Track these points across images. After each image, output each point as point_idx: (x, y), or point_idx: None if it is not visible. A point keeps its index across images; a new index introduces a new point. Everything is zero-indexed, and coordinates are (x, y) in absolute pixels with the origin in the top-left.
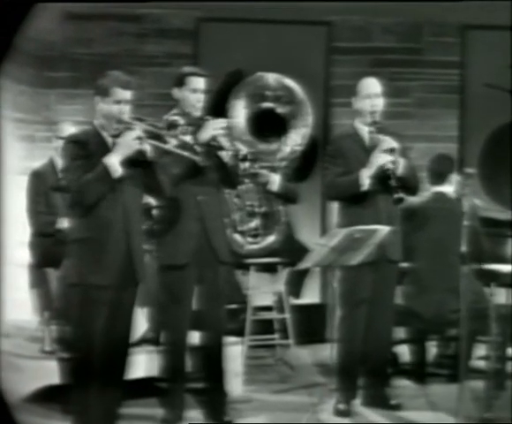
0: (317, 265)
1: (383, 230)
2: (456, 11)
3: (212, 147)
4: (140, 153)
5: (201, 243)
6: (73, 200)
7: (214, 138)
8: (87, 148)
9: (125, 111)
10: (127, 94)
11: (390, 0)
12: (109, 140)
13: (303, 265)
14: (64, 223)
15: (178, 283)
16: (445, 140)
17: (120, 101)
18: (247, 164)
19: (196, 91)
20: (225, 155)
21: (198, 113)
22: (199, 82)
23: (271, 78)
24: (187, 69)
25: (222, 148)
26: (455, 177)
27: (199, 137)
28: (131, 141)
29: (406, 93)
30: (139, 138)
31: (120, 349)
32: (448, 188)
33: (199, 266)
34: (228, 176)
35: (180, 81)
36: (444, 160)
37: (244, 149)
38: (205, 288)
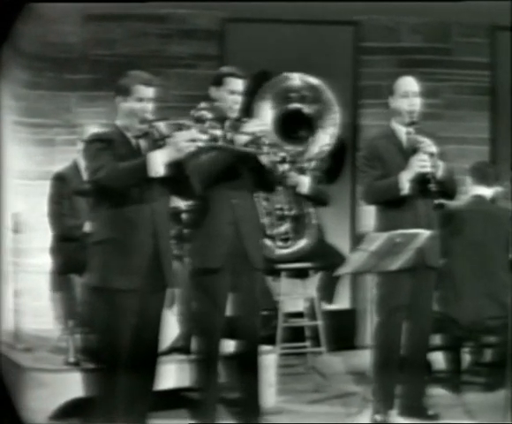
0: (357, 271)
1: (424, 234)
2: (485, 11)
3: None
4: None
5: (235, 247)
6: (100, 187)
7: (252, 139)
8: (112, 147)
9: (148, 110)
10: (150, 92)
11: (403, 0)
12: (133, 140)
13: (343, 271)
14: (88, 227)
15: (211, 288)
16: (476, 142)
17: (142, 98)
18: (286, 166)
19: (234, 92)
20: (263, 158)
21: (234, 114)
22: (238, 84)
23: (297, 78)
24: (226, 69)
25: (260, 150)
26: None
27: (236, 138)
28: (184, 143)
29: (435, 94)
30: (193, 140)
31: (148, 358)
32: (488, 192)
33: (232, 272)
34: (266, 179)
35: (218, 81)
36: (490, 165)
37: (282, 151)
38: (239, 295)
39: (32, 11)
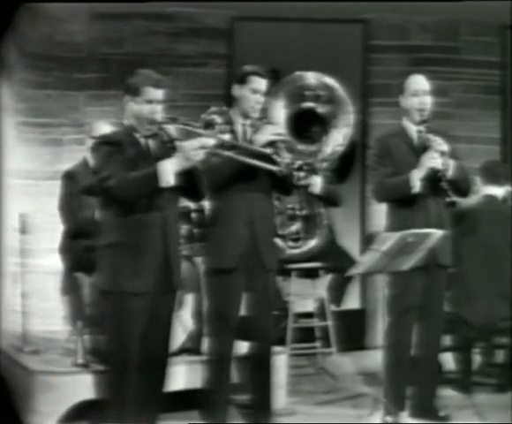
0: (369, 271)
1: (436, 233)
2: (495, 10)
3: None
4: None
5: (249, 248)
6: (111, 197)
7: (270, 144)
8: (121, 149)
9: (157, 111)
10: (159, 94)
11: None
12: (142, 140)
13: (354, 271)
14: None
15: (225, 288)
16: (486, 141)
17: (152, 100)
18: (302, 174)
19: (256, 92)
20: (280, 162)
21: (256, 114)
22: (261, 83)
23: (310, 77)
24: (249, 67)
25: (277, 155)
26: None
27: (254, 140)
28: (194, 152)
29: (445, 92)
30: (203, 147)
31: (159, 360)
32: (500, 191)
33: (246, 272)
34: (282, 182)
35: (241, 79)
36: (501, 165)
37: (299, 159)
38: (253, 295)
39: (39, 11)
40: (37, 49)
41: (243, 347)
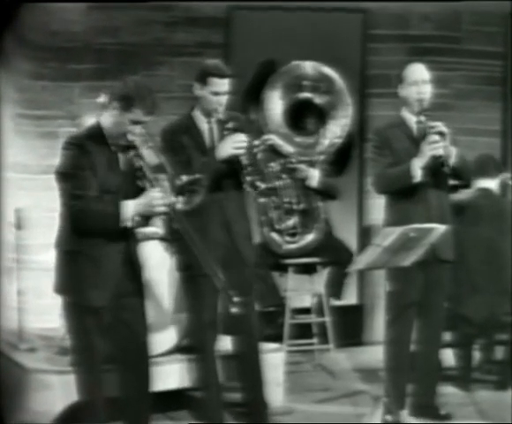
0: (370, 267)
1: (439, 228)
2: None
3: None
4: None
5: (228, 248)
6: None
7: (232, 157)
8: (90, 156)
9: (137, 132)
10: (147, 119)
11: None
12: (113, 149)
13: (355, 267)
14: None
15: (204, 291)
16: (487, 134)
17: (138, 122)
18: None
19: (218, 94)
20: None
21: (219, 116)
22: (222, 84)
23: (308, 67)
24: (210, 65)
25: (241, 168)
26: (502, 174)
27: (217, 153)
28: (157, 203)
29: (445, 83)
30: (167, 204)
31: (139, 362)
32: (493, 184)
33: (225, 269)
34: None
35: (202, 80)
36: (491, 157)
37: (262, 184)
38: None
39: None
40: (34, 39)
41: (231, 344)
